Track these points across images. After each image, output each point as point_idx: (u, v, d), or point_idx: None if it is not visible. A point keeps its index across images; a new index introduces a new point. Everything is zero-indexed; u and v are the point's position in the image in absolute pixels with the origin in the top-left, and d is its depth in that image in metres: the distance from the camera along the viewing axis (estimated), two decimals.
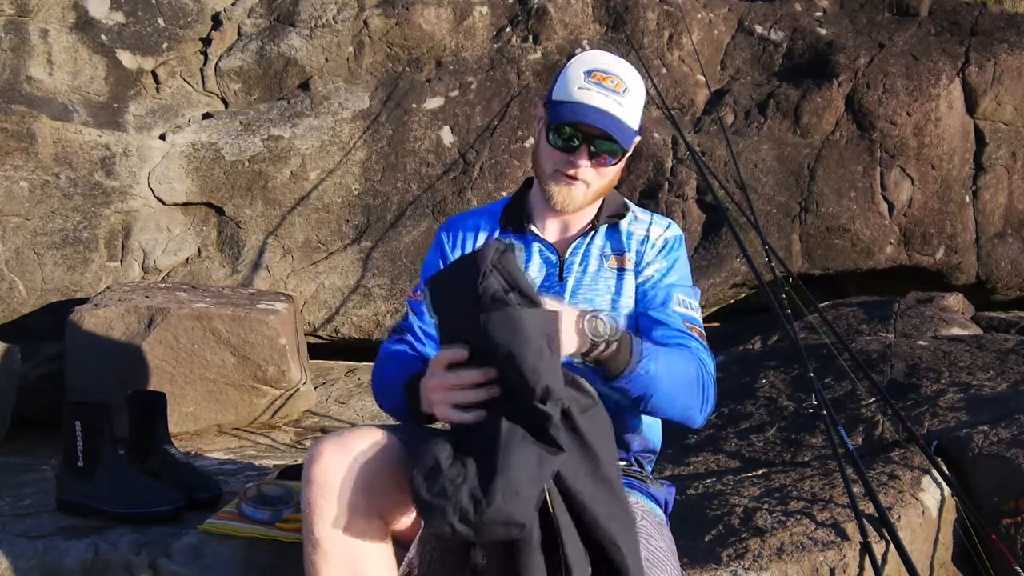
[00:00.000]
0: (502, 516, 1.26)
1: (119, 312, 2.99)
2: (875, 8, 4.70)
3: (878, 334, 3.50)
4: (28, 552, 1.92)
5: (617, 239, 1.83)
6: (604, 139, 1.67)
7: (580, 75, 1.69)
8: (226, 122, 3.89)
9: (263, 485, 2.10)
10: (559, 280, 1.79)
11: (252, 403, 3.09)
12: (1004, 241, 4.42)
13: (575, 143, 1.69)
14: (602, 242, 1.83)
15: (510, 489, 1.26)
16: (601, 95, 1.67)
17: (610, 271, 1.80)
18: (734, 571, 1.91)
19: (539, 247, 1.82)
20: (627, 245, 1.83)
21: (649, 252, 1.81)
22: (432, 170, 4.01)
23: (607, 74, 1.69)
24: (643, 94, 1.74)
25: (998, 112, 4.37)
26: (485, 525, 1.26)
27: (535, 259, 1.81)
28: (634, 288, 1.80)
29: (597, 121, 1.66)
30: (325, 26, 4.06)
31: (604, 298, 1.78)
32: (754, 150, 4.17)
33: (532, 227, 1.82)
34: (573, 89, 1.68)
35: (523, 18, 4.28)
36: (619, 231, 1.84)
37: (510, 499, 1.26)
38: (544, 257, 1.81)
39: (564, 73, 1.72)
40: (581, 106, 1.67)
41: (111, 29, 3.77)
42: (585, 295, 1.78)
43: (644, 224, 1.85)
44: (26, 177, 3.48)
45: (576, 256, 1.81)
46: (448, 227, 1.90)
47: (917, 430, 2.46)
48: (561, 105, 1.69)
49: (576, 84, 1.69)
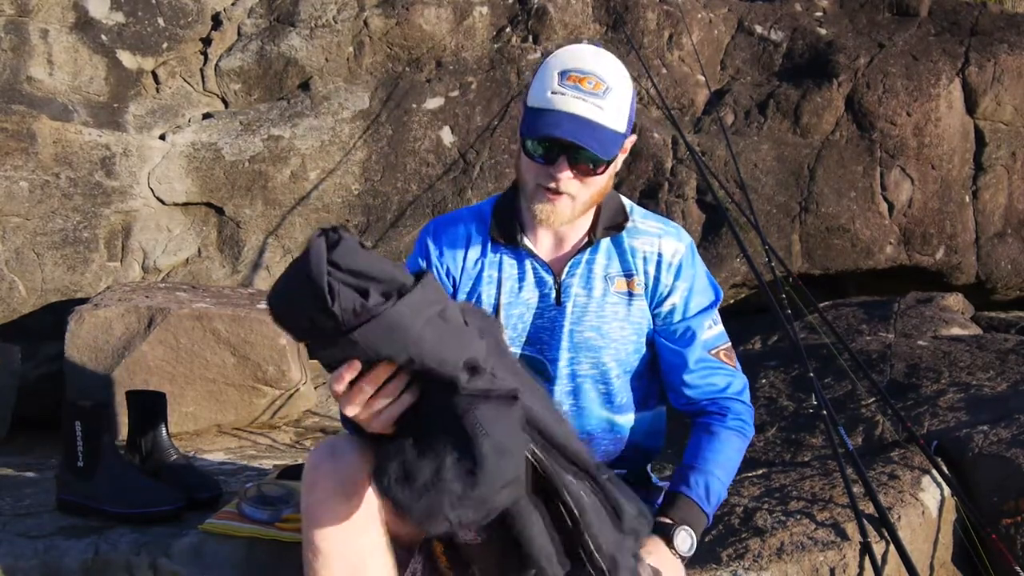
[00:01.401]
0: (501, 478, 1.14)
1: (119, 312, 2.99)
2: (875, 8, 4.70)
3: (878, 334, 3.50)
4: (28, 552, 1.92)
5: (623, 257, 1.69)
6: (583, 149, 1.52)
7: (554, 77, 1.53)
8: (226, 122, 3.89)
9: (263, 485, 2.10)
10: (556, 304, 1.68)
11: (252, 403, 3.09)
12: (1004, 241, 4.42)
13: (553, 154, 1.53)
14: (605, 260, 1.69)
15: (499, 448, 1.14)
16: (577, 99, 1.51)
17: (617, 296, 1.68)
18: (734, 571, 1.91)
19: (532, 265, 1.69)
20: (635, 266, 1.69)
21: (665, 275, 1.69)
22: (432, 170, 4.01)
23: (583, 74, 1.52)
24: (629, 90, 1.58)
25: (998, 112, 4.37)
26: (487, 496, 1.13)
27: (528, 279, 1.69)
28: (646, 313, 1.70)
29: (570, 133, 1.49)
30: (325, 26, 4.06)
31: (613, 326, 1.68)
32: (754, 150, 4.16)
33: (526, 241, 1.68)
34: (547, 94, 1.52)
35: (523, 18, 4.28)
36: (623, 247, 1.69)
37: (500, 459, 1.14)
38: (538, 277, 1.69)
39: (539, 75, 1.57)
40: (555, 115, 1.51)
41: (111, 29, 3.77)
42: (591, 323, 1.67)
43: (652, 238, 1.70)
44: (26, 177, 3.48)
45: (574, 277, 1.68)
46: (434, 234, 1.75)
47: (917, 430, 2.46)
48: (535, 113, 1.54)
49: (550, 88, 1.52)
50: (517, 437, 1.18)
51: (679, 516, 1.55)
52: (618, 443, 1.76)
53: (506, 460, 1.14)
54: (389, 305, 1.10)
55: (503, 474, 1.14)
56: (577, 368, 1.70)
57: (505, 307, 1.69)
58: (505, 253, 1.71)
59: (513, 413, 1.18)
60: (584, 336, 1.68)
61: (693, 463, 1.62)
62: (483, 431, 1.13)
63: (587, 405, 1.72)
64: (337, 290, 1.09)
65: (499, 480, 1.14)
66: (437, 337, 1.13)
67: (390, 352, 1.13)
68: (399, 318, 1.11)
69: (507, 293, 1.69)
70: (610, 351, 1.69)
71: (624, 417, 1.75)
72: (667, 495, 1.63)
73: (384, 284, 1.12)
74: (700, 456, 1.63)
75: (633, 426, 1.76)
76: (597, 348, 1.69)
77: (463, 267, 1.71)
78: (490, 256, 1.71)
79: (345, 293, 1.10)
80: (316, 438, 3.10)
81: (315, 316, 1.11)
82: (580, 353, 1.69)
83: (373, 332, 1.10)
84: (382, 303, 1.10)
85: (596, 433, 1.73)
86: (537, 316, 1.70)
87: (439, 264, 1.72)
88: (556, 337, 1.68)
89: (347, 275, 1.11)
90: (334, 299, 1.09)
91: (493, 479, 1.13)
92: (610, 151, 1.54)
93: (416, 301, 1.12)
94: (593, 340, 1.68)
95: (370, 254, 1.14)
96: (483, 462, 1.12)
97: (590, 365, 1.70)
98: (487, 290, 1.70)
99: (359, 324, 1.10)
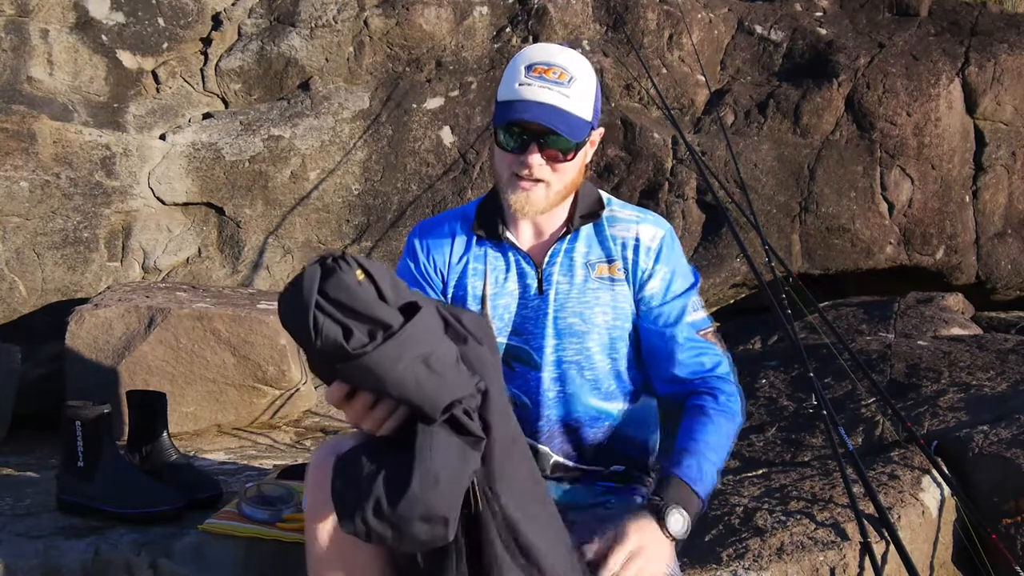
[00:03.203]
0: (420, 509, 1.12)
1: (119, 312, 2.99)
2: (875, 8, 4.70)
3: (878, 334, 3.50)
4: (28, 552, 1.92)
5: (603, 244, 1.74)
6: (552, 134, 1.58)
7: (520, 71, 1.60)
8: (226, 122, 3.89)
9: (263, 485, 2.10)
10: (538, 293, 1.72)
11: (252, 403, 3.09)
12: (1004, 241, 4.42)
13: (524, 143, 1.60)
14: (585, 248, 1.74)
15: (428, 477, 1.12)
16: (543, 88, 1.58)
17: (599, 282, 1.72)
18: (734, 571, 1.91)
19: (515, 257, 1.74)
20: (614, 251, 1.73)
21: (644, 259, 1.72)
22: (432, 170, 4.02)
23: (548, 66, 1.59)
24: (594, 82, 1.65)
25: (998, 112, 4.37)
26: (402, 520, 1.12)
27: (511, 271, 1.74)
28: (629, 299, 1.73)
29: (539, 117, 1.56)
30: (325, 26, 4.06)
31: (596, 311, 1.71)
32: (754, 150, 4.17)
33: (508, 234, 1.74)
34: (514, 86, 1.60)
35: (523, 18, 4.28)
36: (603, 234, 1.74)
37: (429, 488, 1.11)
38: (520, 269, 1.74)
39: (507, 71, 1.63)
40: (523, 103, 1.57)
41: (111, 29, 3.77)
42: (574, 308, 1.71)
43: (630, 224, 1.75)
44: (26, 177, 3.48)
45: (555, 265, 1.72)
46: (420, 235, 1.81)
47: (917, 430, 2.46)
48: (504, 105, 1.61)
49: (516, 81, 1.60)
50: (455, 478, 1.15)
51: (671, 496, 1.53)
52: (607, 432, 1.77)
53: (432, 493, 1.12)
54: (370, 348, 1.09)
55: (424, 505, 1.12)
56: (563, 355, 1.72)
57: (491, 297, 1.74)
58: (489, 247, 1.76)
59: (468, 456, 1.16)
60: (568, 322, 1.71)
61: (686, 445, 1.62)
62: (428, 457, 1.12)
63: (574, 392, 1.73)
64: (321, 324, 1.09)
65: (417, 509, 1.12)
66: (416, 383, 1.12)
67: (375, 387, 1.13)
68: (379, 362, 1.10)
69: (492, 284, 1.74)
70: (594, 336, 1.72)
71: (612, 405, 1.76)
72: (660, 476, 1.63)
73: (370, 324, 1.11)
74: (692, 438, 1.62)
75: (622, 417, 1.77)
76: (581, 334, 1.71)
77: (449, 262, 1.77)
78: (474, 250, 1.76)
79: (329, 328, 1.09)
80: (316, 438, 3.10)
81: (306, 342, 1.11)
82: (564, 339, 1.72)
83: (352, 370, 1.11)
84: (364, 344, 1.09)
85: (584, 421, 1.75)
86: (522, 306, 1.73)
87: (427, 262, 1.78)
88: (541, 325, 1.72)
89: (334, 308, 1.09)
90: (317, 334, 1.08)
91: (413, 507, 1.11)
92: (578, 135, 1.60)
93: (399, 346, 1.10)
94: (577, 326, 1.71)
95: (363, 290, 1.11)
96: (411, 485, 1.11)
97: (575, 351, 1.72)
98: (473, 282, 1.75)
99: (340, 364, 1.10)
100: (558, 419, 1.74)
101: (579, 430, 1.75)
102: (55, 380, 3.09)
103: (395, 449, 1.16)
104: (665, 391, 1.78)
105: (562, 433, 1.75)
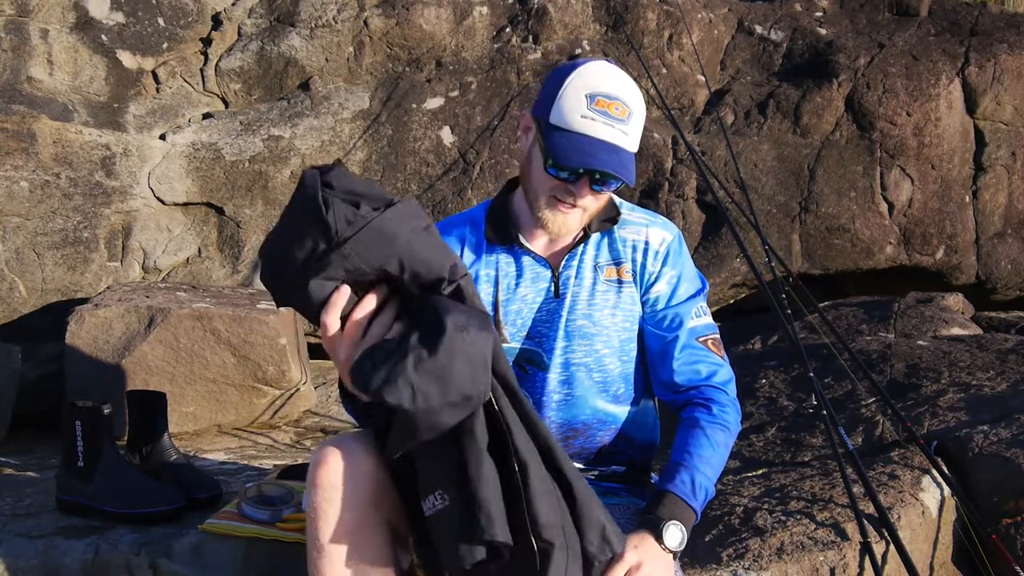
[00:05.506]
0: (459, 345, 1.22)
1: (119, 312, 2.99)
2: (875, 8, 4.70)
3: (878, 334, 3.50)
4: (28, 552, 1.92)
5: (612, 246, 1.74)
6: (611, 177, 1.57)
7: (583, 100, 1.56)
8: (226, 122, 3.89)
9: (263, 485, 2.10)
10: (555, 296, 1.72)
11: (252, 403, 3.09)
12: (1004, 241, 4.42)
13: (578, 175, 1.58)
14: (595, 251, 1.74)
15: (458, 321, 1.23)
16: (607, 126, 1.55)
17: (607, 284, 1.73)
18: (734, 571, 1.91)
19: (530, 261, 1.73)
20: (623, 254, 1.74)
21: (652, 263, 1.73)
22: (432, 170, 4.02)
23: (611, 99, 1.56)
24: (644, 110, 1.64)
25: (998, 112, 4.37)
26: (443, 368, 1.20)
27: (526, 275, 1.73)
28: (636, 301, 1.73)
29: (606, 164, 1.55)
30: (325, 26, 4.06)
31: (604, 313, 1.72)
32: (754, 150, 4.17)
33: (521, 239, 1.73)
34: (575, 117, 1.56)
35: (523, 18, 4.28)
36: (613, 237, 1.74)
37: (461, 330, 1.23)
38: (536, 273, 1.73)
39: (563, 93, 1.58)
40: (586, 141, 1.55)
41: (111, 29, 3.77)
42: (583, 311, 1.71)
43: (639, 228, 1.75)
44: (26, 177, 3.48)
45: (571, 270, 1.72)
46: None
47: (917, 430, 2.46)
48: (563, 136, 1.56)
49: (578, 112, 1.56)
50: (482, 326, 1.26)
51: (667, 512, 1.56)
52: (612, 434, 1.77)
53: (467, 336, 1.22)
54: (378, 213, 1.23)
55: (463, 345, 1.21)
56: (571, 356, 1.72)
57: (503, 304, 1.73)
58: (500, 253, 1.75)
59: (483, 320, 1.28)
60: (577, 324, 1.72)
61: (680, 460, 1.63)
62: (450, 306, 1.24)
63: (581, 394, 1.73)
64: (331, 202, 1.23)
65: (458, 346, 1.20)
66: (423, 244, 1.26)
67: (381, 259, 1.24)
68: (388, 225, 1.24)
69: (504, 290, 1.73)
70: (602, 338, 1.72)
71: (619, 408, 1.76)
72: (655, 492, 1.64)
73: (373, 199, 1.26)
74: (686, 452, 1.64)
75: (626, 419, 1.77)
76: (590, 335, 1.72)
77: None
78: (485, 257, 1.75)
79: (338, 205, 1.24)
80: (316, 438, 3.10)
81: (311, 234, 1.24)
82: (574, 341, 1.72)
83: (365, 239, 1.23)
84: (372, 212, 1.23)
85: (591, 424, 1.75)
86: (537, 310, 1.73)
87: None
88: (554, 328, 1.72)
89: (340, 193, 1.25)
90: (328, 209, 1.23)
91: (453, 346, 1.20)
92: (631, 175, 1.59)
93: (403, 212, 1.26)
94: (586, 328, 1.72)
95: (360, 179, 1.28)
96: (445, 329, 1.21)
97: (584, 353, 1.72)
98: (485, 288, 1.74)
99: (352, 234, 1.22)
100: (563, 422, 1.74)
101: (584, 433, 1.75)
102: (55, 380, 3.09)
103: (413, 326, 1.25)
104: (662, 396, 1.80)
105: (564, 437, 1.75)
